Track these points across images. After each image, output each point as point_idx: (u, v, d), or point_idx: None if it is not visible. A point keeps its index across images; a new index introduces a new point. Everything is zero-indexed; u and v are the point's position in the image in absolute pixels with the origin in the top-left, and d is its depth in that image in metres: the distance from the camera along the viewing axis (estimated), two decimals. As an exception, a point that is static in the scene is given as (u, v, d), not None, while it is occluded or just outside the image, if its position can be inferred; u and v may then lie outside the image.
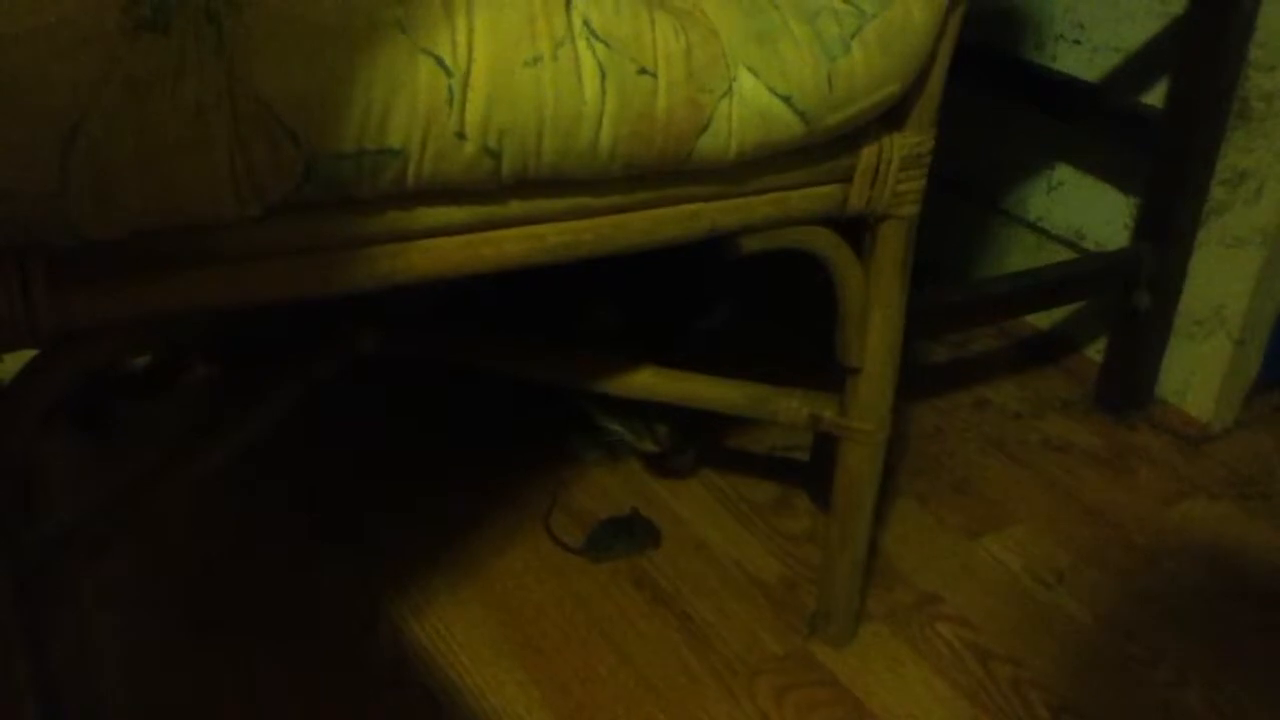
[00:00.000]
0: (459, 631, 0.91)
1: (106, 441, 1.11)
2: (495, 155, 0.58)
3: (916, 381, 1.26)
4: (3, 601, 0.60)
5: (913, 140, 0.72)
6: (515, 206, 0.62)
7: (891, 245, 0.76)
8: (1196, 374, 1.18)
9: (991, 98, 1.34)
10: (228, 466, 1.07)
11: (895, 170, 0.72)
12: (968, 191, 1.41)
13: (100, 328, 0.56)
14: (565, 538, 1.00)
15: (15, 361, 0.57)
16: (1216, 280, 1.14)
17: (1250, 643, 0.94)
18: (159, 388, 1.17)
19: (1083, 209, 1.29)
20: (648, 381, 0.87)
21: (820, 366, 0.84)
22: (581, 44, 0.58)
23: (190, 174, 0.52)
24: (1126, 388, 1.21)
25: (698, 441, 1.08)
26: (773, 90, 0.63)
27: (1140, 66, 1.20)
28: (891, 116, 0.71)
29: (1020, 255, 1.36)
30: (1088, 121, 1.23)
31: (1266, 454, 1.17)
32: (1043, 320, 1.35)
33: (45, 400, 0.59)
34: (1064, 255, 1.30)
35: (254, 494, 1.05)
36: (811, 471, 1.08)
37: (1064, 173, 1.30)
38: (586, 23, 0.58)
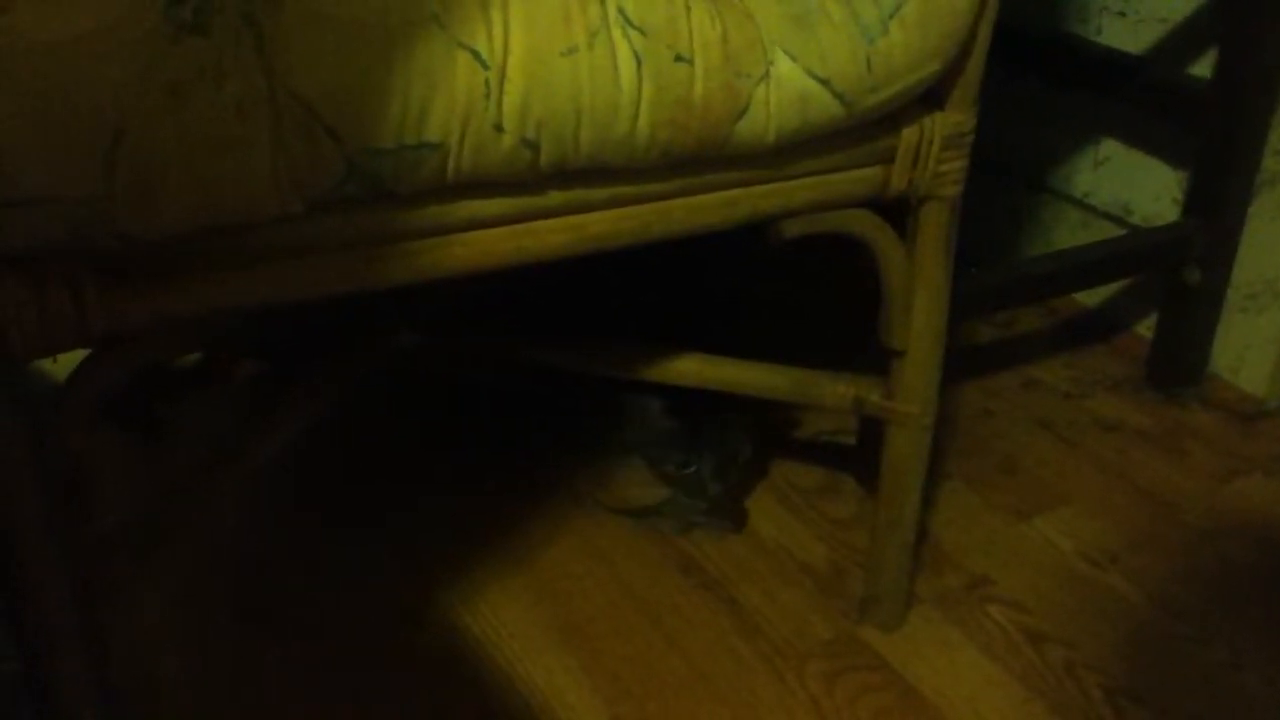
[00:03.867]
0: (508, 621, 0.92)
1: (155, 440, 1.13)
2: (534, 146, 0.58)
3: (963, 362, 1.25)
4: (60, 600, 0.61)
5: (954, 120, 0.72)
6: (555, 197, 0.62)
7: (934, 226, 0.75)
8: (1250, 349, 1.16)
9: (1035, 74, 1.32)
10: (275, 462, 1.09)
11: (937, 150, 0.72)
12: (1012, 170, 1.39)
13: (149, 327, 0.56)
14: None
15: (67, 362, 0.58)
16: (1270, 253, 1.12)
17: (1309, 622, 0.93)
18: (206, 386, 1.19)
19: (1130, 184, 1.26)
20: (692, 369, 0.87)
21: (865, 350, 0.84)
22: (617, 32, 0.58)
23: (233, 173, 0.52)
24: (1178, 365, 1.19)
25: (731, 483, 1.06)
26: (810, 73, 0.62)
27: (1187, 37, 1.18)
28: (932, 96, 0.70)
29: (1066, 233, 1.34)
30: (1133, 95, 1.20)
31: (1324, 430, 1.15)
32: (1091, 298, 1.33)
33: (96, 400, 0.60)
34: (1111, 232, 1.28)
35: (299, 489, 1.07)
36: (858, 456, 1.08)
37: (1110, 148, 1.28)
38: (621, 11, 0.58)
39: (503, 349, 0.97)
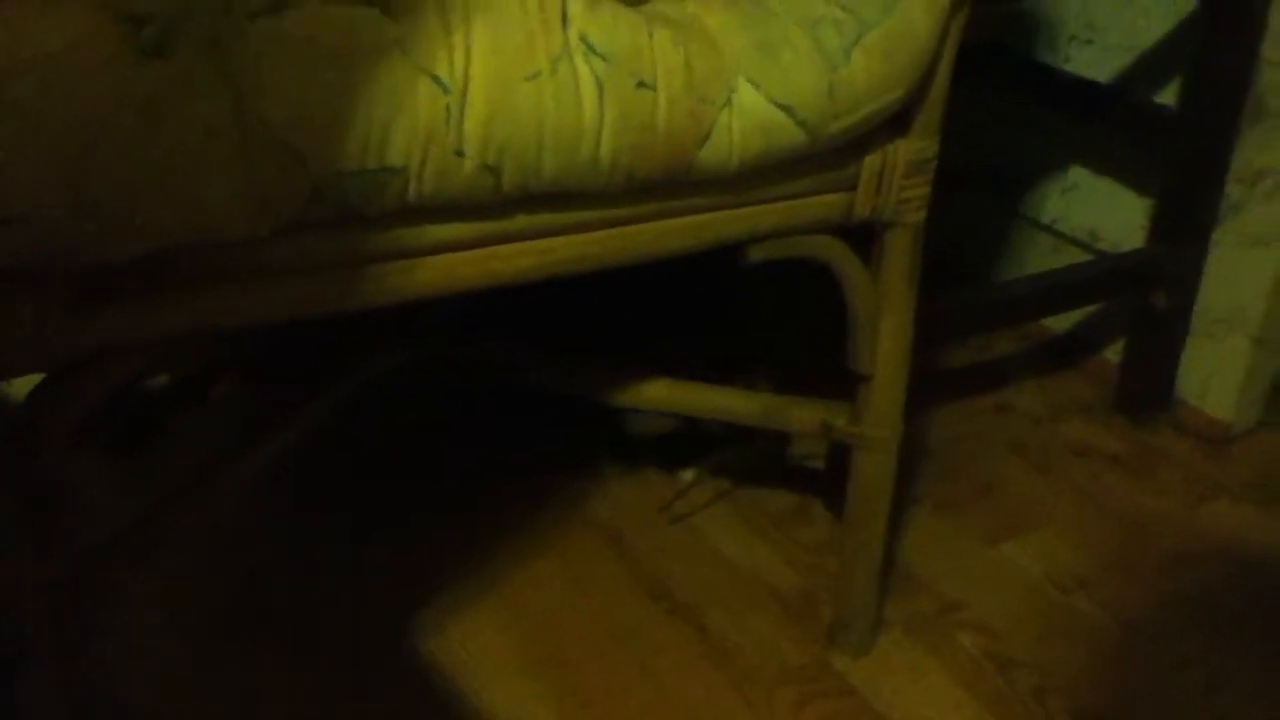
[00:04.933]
0: (481, 644, 0.91)
1: (144, 457, 1.12)
2: (496, 171, 0.58)
3: (937, 387, 1.25)
4: (36, 624, 0.60)
5: (918, 146, 0.72)
6: (521, 221, 0.63)
7: (899, 251, 0.75)
8: (1217, 374, 1.17)
9: (1005, 100, 1.34)
10: (255, 481, 1.08)
11: (900, 176, 0.72)
12: (983, 194, 1.40)
13: (117, 348, 0.56)
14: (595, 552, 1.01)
15: (28, 382, 0.58)
16: (1235, 279, 1.13)
17: (1274, 649, 0.93)
18: (196, 402, 1.18)
19: (1098, 210, 1.28)
20: (662, 393, 0.88)
21: (833, 374, 0.84)
22: (579, 59, 0.58)
23: (201, 195, 0.52)
24: (1146, 390, 1.20)
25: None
26: (773, 100, 0.63)
27: (1153, 66, 1.19)
28: (896, 123, 0.71)
29: (1037, 257, 1.35)
30: (1101, 122, 1.22)
31: (1290, 454, 1.16)
32: (1062, 323, 1.34)
33: (65, 422, 0.60)
34: (1080, 257, 1.29)
35: (279, 508, 1.06)
36: (829, 480, 1.08)
37: (1078, 174, 1.29)
38: (584, 38, 0.59)
39: (480, 368, 0.97)
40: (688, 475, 1.11)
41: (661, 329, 1.25)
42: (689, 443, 1.15)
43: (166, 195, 0.52)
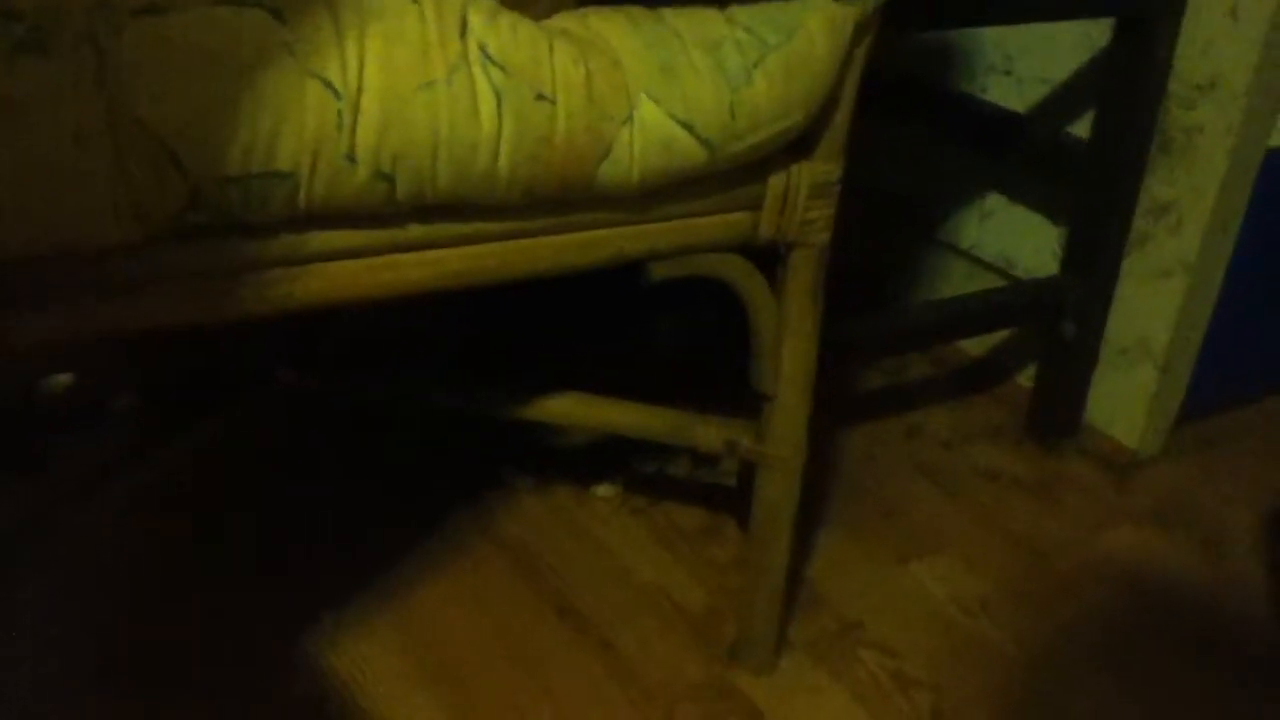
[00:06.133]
0: (377, 663, 0.90)
1: (29, 474, 1.09)
2: (389, 179, 0.57)
3: (849, 408, 1.26)
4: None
5: (822, 169, 0.73)
6: (415, 231, 0.62)
7: (803, 273, 0.76)
8: (1123, 402, 1.19)
9: (924, 128, 1.36)
10: (141, 497, 1.05)
11: (804, 198, 0.73)
12: (902, 220, 1.42)
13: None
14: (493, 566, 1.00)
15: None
16: (1141, 310, 1.16)
17: (1170, 675, 0.95)
18: (86, 419, 1.15)
19: (1013, 238, 1.30)
20: (567, 408, 0.87)
21: (743, 393, 0.84)
22: (477, 69, 0.58)
23: (69, 200, 0.51)
24: (1055, 416, 1.22)
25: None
26: (674, 118, 0.63)
27: (1067, 98, 1.22)
28: (800, 145, 0.72)
29: (954, 283, 1.37)
30: (1016, 152, 1.24)
31: (1190, 483, 1.18)
32: (975, 347, 1.36)
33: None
34: (996, 284, 1.31)
35: (165, 525, 1.04)
36: (739, 498, 1.08)
37: (995, 202, 1.31)
38: (483, 48, 0.58)
39: (381, 387, 0.96)
40: (603, 491, 1.11)
41: (572, 343, 1.25)
42: (605, 457, 1.15)
43: (32, 199, 0.50)
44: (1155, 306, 1.15)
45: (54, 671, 0.87)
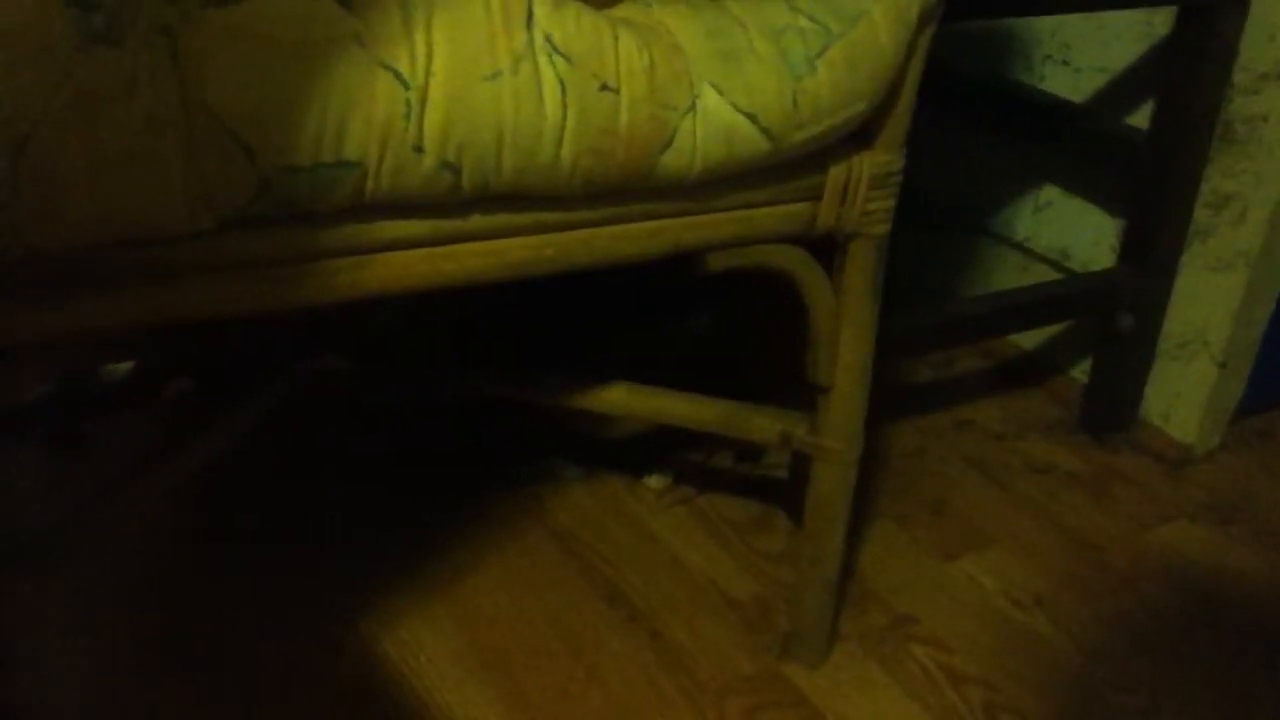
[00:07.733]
0: (428, 647, 0.91)
1: (82, 458, 1.11)
2: (455, 169, 0.58)
3: (899, 401, 1.25)
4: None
5: (882, 159, 0.72)
6: (476, 221, 0.62)
7: (861, 264, 0.75)
8: (1180, 397, 1.18)
9: (980, 119, 1.34)
10: (197, 482, 1.07)
11: (865, 189, 0.72)
12: (955, 213, 1.41)
13: (50, 341, 0.55)
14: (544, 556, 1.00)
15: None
16: (1200, 303, 1.14)
17: (1224, 670, 0.93)
18: (138, 404, 1.17)
19: (1069, 230, 1.28)
20: (620, 399, 0.87)
21: (796, 384, 0.84)
22: (542, 59, 0.58)
23: (141, 188, 0.52)
24: (1109, 410, 1.21)
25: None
26: (737, 107, 0.63)
27: (1126, 88, 1.20)
28: (861, 135, 0.71)
29: (1006, 276, 1.36)
30: (1074, 143, 1.22)
31: (1248, 479, 1.16)
32: (1027, 341, 1.34)
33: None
34: (1050, 276, 1.29)
35: (221, 509, 1.05)
36: (790, 490, 1.08)
37: (1051, 193, 1.30)
38: (548, 38, 0.58)
39: (433, 376, 0.97)
40: (653, 482, 1.11)
41: (625, 334, 1.25)
42: (653, 449, 1.15)
43: (104, 187, 0.51)
44: (1215, 300, 1.13)
45: (101, 653, 0.89)
